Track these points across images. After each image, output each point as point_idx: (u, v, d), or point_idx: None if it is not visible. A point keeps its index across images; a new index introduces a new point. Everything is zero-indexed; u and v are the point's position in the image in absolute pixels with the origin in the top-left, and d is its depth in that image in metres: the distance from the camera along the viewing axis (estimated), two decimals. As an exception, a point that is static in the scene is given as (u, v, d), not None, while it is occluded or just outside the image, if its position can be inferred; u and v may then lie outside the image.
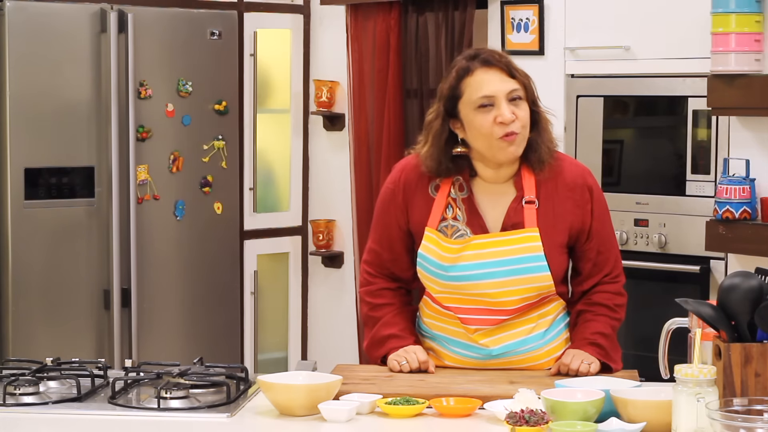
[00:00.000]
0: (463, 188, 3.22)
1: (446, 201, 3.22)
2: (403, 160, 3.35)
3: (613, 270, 3.30)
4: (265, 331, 6.05)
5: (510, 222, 3.19)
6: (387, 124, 5.61)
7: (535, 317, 3.23)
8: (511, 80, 3.15)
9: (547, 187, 3.21)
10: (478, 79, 3.14)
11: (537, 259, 3.15)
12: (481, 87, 3.13)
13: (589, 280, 3.29)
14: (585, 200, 3.23)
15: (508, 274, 3.15)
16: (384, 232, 3.33)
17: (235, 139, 5.75)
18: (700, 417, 2.46)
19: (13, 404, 2.91)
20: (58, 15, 5.24)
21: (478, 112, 3.13)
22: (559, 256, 3.20)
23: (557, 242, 3.19)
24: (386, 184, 3.35)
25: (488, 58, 3.16)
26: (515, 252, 3.16)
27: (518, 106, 3.14)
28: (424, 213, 3.23)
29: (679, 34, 4.76)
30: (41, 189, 5.22)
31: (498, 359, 3.22)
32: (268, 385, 2.84)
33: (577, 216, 3.21)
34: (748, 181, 4.48)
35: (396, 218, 3.29)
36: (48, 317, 5.25)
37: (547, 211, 3.19)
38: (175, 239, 5.58)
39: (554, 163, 3.22)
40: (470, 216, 3.20)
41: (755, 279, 2.61)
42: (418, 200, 3.25)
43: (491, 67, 3.15)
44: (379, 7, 5.63)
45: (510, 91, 3.13)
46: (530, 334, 3.22)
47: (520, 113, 3.13)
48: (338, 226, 6.02)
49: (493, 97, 3.12)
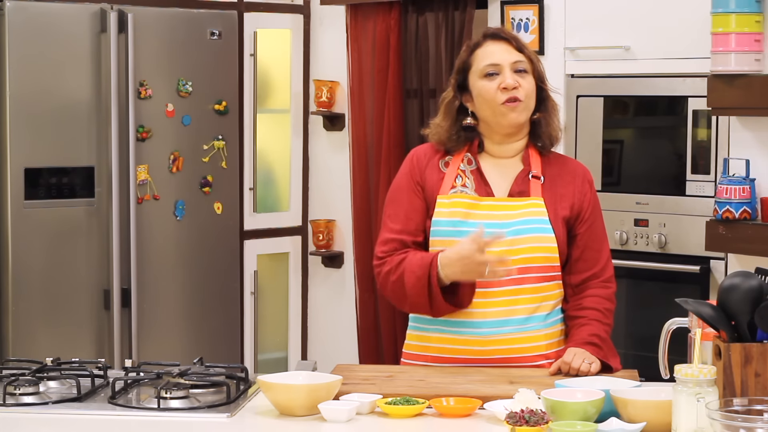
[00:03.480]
0: (471, 162, 3.35)
1: (456, 173, 3.34)
2: (411, 150, 3.49)
3: (604, 271, 3.35)
4: (265, 331, 6.05)
5: (516, 190, 3.31)
6: (387, 124, 5.61)
7: (539, 298, 3.27)
8: (518, 53, 3.32)
9: (551, 168, 3.35)
10: (486, 50, 3.34)
11: (542, 222, 3.27)
12: (487, 56, 3.32)
13: (577, 272, 3.33)
14: (585, 189, 3.36)
15: (515, 233, 3.24)
16: (408, 212, 3.34)
17: (235, 139, 5.75)
18: (700, 417, 2.46)
19: (13, 404, 2.91)
20: (58, 15, 5.24)
21: (484, 79, 3.31)
22: (562, 228, 3.30)
23: (560, 215, 3.30)
24: (399, 173, 3.43)
25: (497, 32, 3.37)
26: (521, 215, 3.27)
27: (523, 78, 3.31)
28: (435, 186, 3.33)
29: (679, 34, 4.77)
30: (41, 189, 5.22)
31: (498, 335, 3.23)
32: (268, 385, 2.84)
33: (577, 198, 3.34)
34: (748, 181, 4.48)
35: (417, 193, 3.35)
36: (48, 317, 5.25)
37: (551, 186, 3.32)
38: (175, 239, 5.58)
39: (560, 158, 3.40)
40: (478, 184, 3.32)
41: (755, 279, 2.61)
42: (430, 176, 3.35)
43: (499, 40, 3.34)
44: (379, 7, 5.63)
45: (515, 62, 3.31)
46: (533, 314, 3.26)
47: (524, 83, 3.30)
48: (338, 226, 6.02)
49: (498, 66, 3.30)
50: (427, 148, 3.42)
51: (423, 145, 3.46)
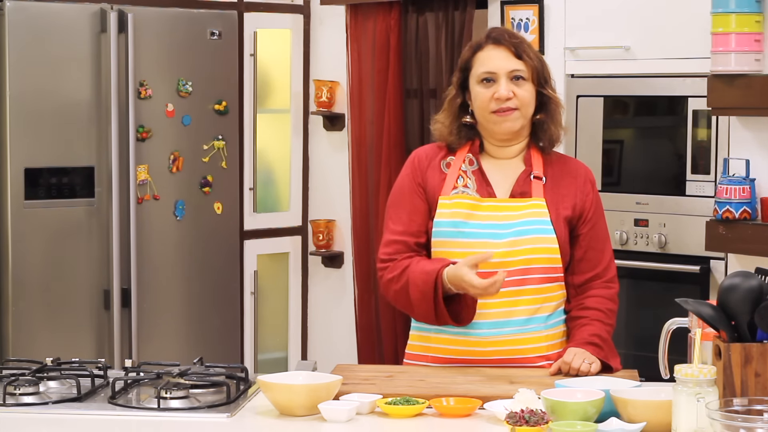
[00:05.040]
0: (473, 162, 3.36)
1: (458, 173, 3.34)
2: (413, 151, 3.48)
3: (606, 272, 3.35)
4: (265, 331, 6.05)
5: (518, 191, 3.31)
6: (387, 124, 5.61)
7: (540, 299, 3.27)
8: (517, 60, 3.30)
9: (553, 169, 3.35)
10: (485, 54, 3.32)
11: (544, 223, 3.26)
12: (485, 63, 3.31)
13: (580, 272, 3.33)
14: (587, 189, 3.36)
15: (516, 234, 3.24)
16: (410, 213, 3.33)
17: (235, 139, 5.75)
18: (700, 417, 2.46)
19: (13, 404, 2.91)
20: (58, 15, 5.24)
21: (480, 85, 3.32)
22: (564, 228, 3.29)
23: (562, 215, 3.29)
24: (401, 175, 3.43)
25: (498, 36, 3.34)
26: (523, 216, 3.27)
27: (519, 86, 3.29)
28: (437, 187, 3.33)
29: (679, 34, 4.77)
30: (41, 189, 5.22)
31: (499, 337, 3.23)
32: (268, 385, 2.84)
33: (579, 199, 3.34)
34: (748, 181, 4.48)
35: (419, 195, 3.35)
36: (48, 317, 5.25)
37: (553, 187, 3.32)
38: (175, 239, 5.58)
39: (562, 157, 3.40)
40: (480, 185, 3.32)
41: (755, 279, 2.61)
42: (431, 177, 3.35)
43: (499, 45, 3.32)
44: (379, 7, 5.63)
45: (512, 70, 3.29)
46: (534, 315, 3.26)
47: (520, 92, 3.28)
48: (338, 226, 6.02)
49: (494, 74, 3.29)
50: (429, 149, 3.42)
51: (424, 146, 3.46)
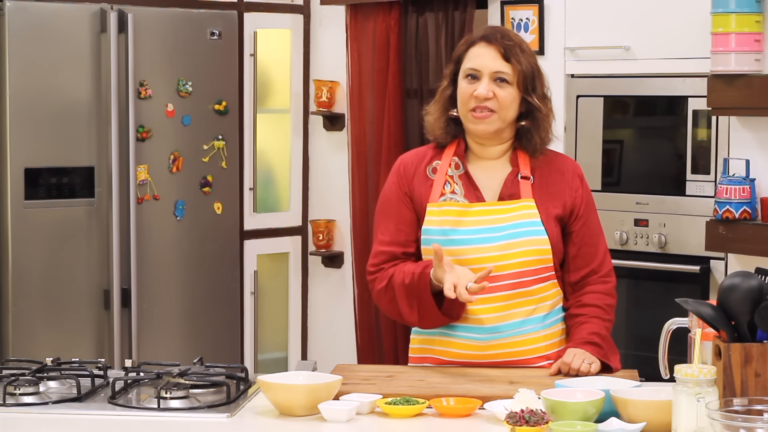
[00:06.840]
0: (459, 166, 3.32)
1: (444, 179, 3.31)
2: (398, 158, 3.46)
3: (602, 266, 3.34)
4: (265, 331, 6.05)
5: (507, 193, 3.28)
6: (387, 124, 5.61)
7: (535, 300, 3.25)
8: (504, 62, 3.26)
9: (541, 169, 3.32)
10: (475, 51, 3.29)
11: (534, 224, 3.24)
12: (473, 59, 3.29)
13: (575, 269, 3.32)
14: (576, 185, 3.33)
15: (507, 238, 3.22)
16: (398, 223, 3.33)
17: (235, 139, 5.75)
18: (700, 417, 2.46)
19: (13, 404, 2.91)
20: (58, 15, 5.24)
21: (464, 81, 3.29)
22: (555, 227, 3.27)
23: (552, 214, 3.27)
24: (387, 183, 3.41)
25: (491, 35, 3.30)
26: (513, 219, 3.24)
27: (502, 88, 3.25)
28: (424, 195, 3.31)
29: (679, 34, 4.77)
30: (41, 189, 5.22)
31: (497, 340, 3.23)
32: (268, 385, 2.84)
33: (568, 196, 3.31)
34: (748, 181, 4.48)
35: (405, 204, 3.33)
36: (48, 317, 5.25)
37: (541, 186, 3.29)
38: (175, 239, 5.58)
39: (549, 154, 3.35)
40: (467, 189, 3.29)
41: (755, 279, 2.61)
42: (417, 185, 3.33)
43: (490, 44, 3.28)
44: (379, 7, 5.63)
45: (496, 71, 3.25)
46: (530, 316, 3.25)
47: (501, 94, 3.24)
48: (338, 226, 6.02)
49: (479, 71, 3.26)
50: (413, 155, 3.39)
51: (409, 152, 3.43)
